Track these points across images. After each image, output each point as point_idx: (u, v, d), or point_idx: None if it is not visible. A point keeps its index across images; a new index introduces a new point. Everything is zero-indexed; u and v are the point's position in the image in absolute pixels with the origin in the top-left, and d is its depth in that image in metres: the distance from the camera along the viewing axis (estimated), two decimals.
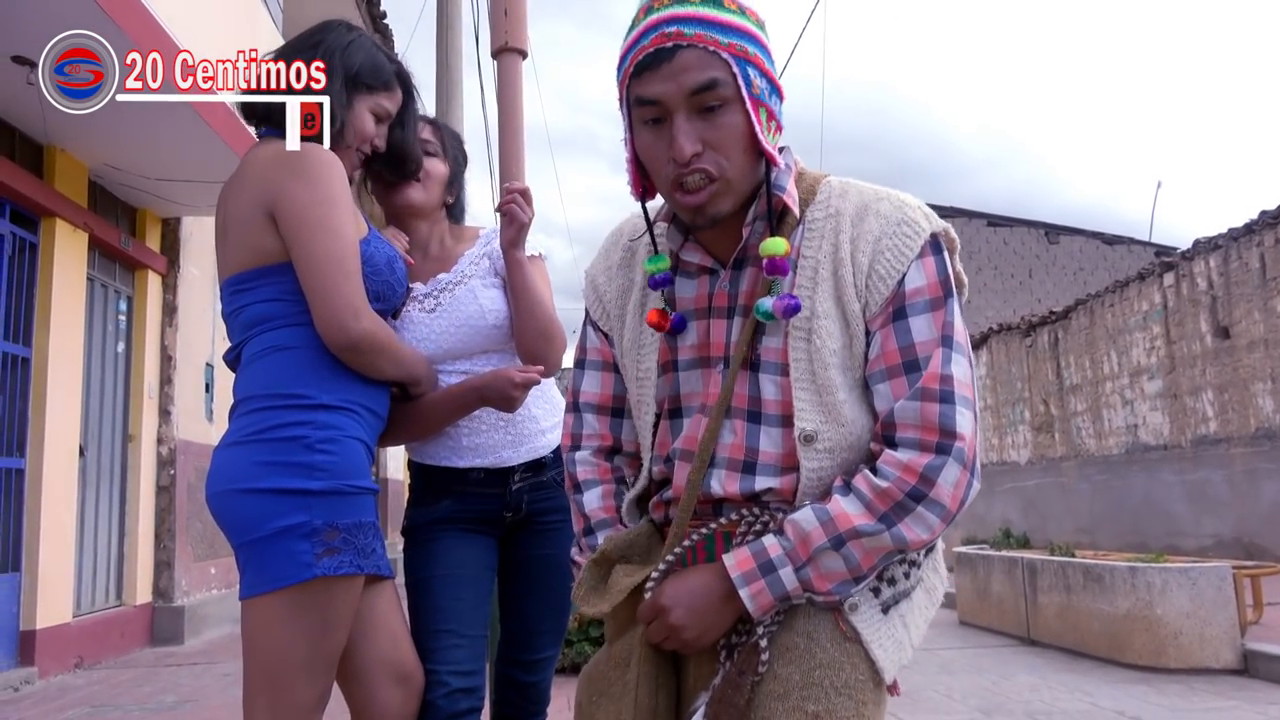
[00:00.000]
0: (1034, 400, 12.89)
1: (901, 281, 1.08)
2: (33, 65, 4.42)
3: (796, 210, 1.15)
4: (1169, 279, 10.16)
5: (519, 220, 1.85)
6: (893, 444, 1.06)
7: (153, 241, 6.83)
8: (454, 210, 2.07)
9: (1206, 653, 4.89)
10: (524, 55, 2.69)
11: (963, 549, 7.58)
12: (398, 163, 1.85)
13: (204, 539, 7.21)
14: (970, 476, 1.06)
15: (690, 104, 1.06)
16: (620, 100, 1.13)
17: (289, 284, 1.59)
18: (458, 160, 2.06)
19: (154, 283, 6.82)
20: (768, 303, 1.10)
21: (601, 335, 1.32)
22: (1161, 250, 20.27)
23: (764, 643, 1.06)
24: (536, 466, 1.95)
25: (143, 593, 6.53)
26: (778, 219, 1.15)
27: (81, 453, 5.87)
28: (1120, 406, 11.05)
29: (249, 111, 1.74)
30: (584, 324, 1.35)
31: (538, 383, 1.80)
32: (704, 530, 1.13)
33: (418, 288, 1.90)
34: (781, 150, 1.18)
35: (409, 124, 1.83)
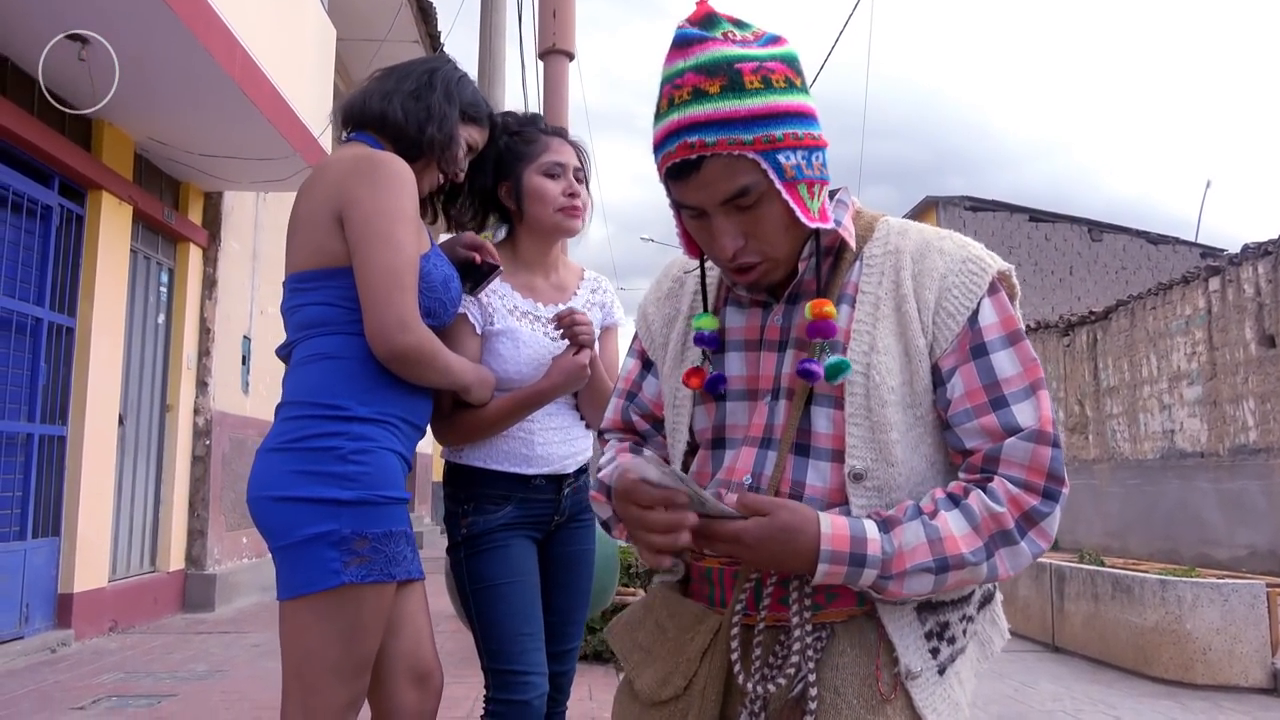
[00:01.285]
0: (1069, 401, 12.72)
1: (974, 318, 1.08)
2: (85, 41, 4.48)
3: (853, 244, 1.15)
4: (1214, 284, 9.95)
5: (587, 345, 1.94)
6: (990, 474, 1.05)
7: (195, 215, 6.92)
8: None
9: (1235, 670, 4.82)
10: (571, 57, 2.68)
11: None
12: (454, 193, 1.96)
13: (236, 509, 7.34)
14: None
15: (726, 208, 1.06)
16: (661, 182, 1.12)
17: (347, 290, 1.63)
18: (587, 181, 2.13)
19: (195, 256, 6.91)
20: (810, 364, 1.09)
21: (638, 361, 1.34)
22: (1207, 251, 19.85)
23: (812, 703, 1.03)
24: (581, 471, 2.07)
25: (176, 560, 6.67)
26: (836, 253, 1.16)
27: (121, 422, 5.99)
28: (1158, 411, 10.87)
29: (348, 116, 1.79)
30: (628, 351, 1.38)
31: (591, 357, 1.93)
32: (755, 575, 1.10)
33: (541, 309, 2.00)
34: (835, 194, 1.17)
35: (482, 164, 1.95)
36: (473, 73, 2.06)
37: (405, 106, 1.75)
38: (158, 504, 6.59)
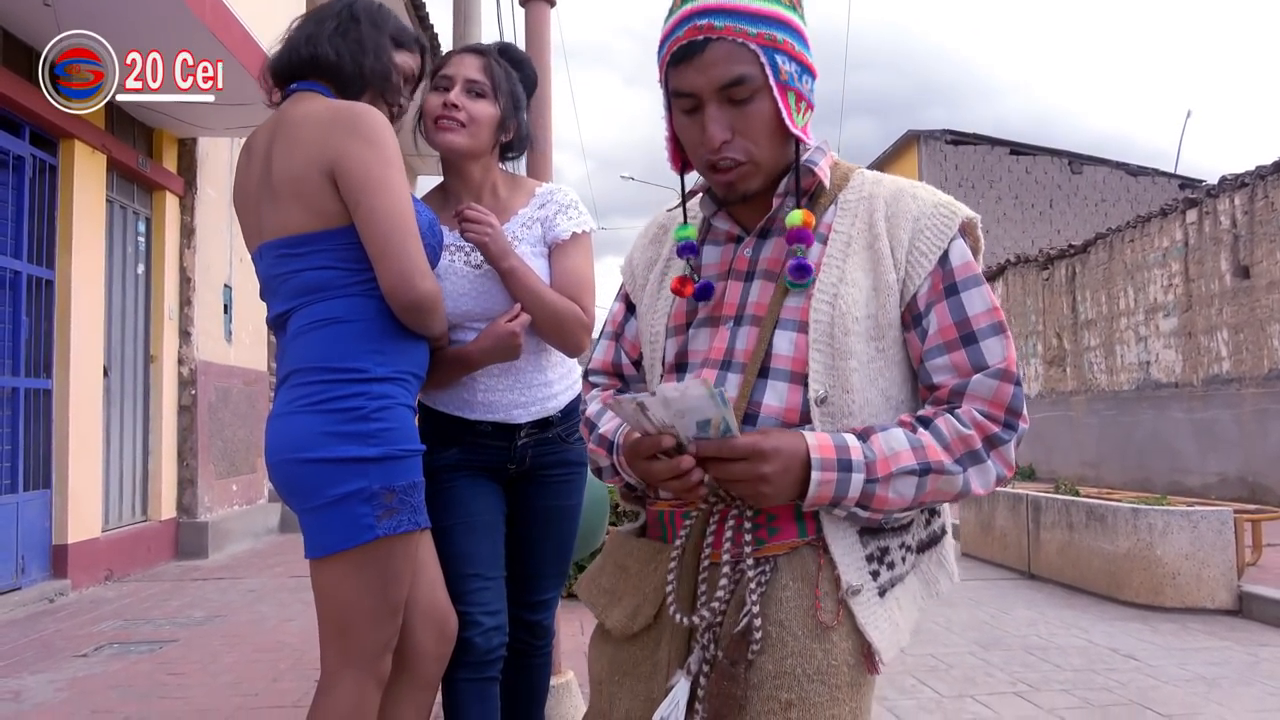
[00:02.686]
0: (1047, 334, 12.88)
1: (945, 258, 1.14)
2: None
3: (827, 182, 1.21)
4: (1191, 216, 10.03)
5: (478, 243, 1.85)
6: (955, 405, 1.12)
7: (169, 163, 6.82)
8: (510, 148, 2.02)
9: (1203, 593, 5.01)
10: (552, 4, 2.65)
11: None
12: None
13: (225, 457, 7.38)
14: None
15: (720, 96, 1.12)
16: (660, 82, 1.18)
17: (346, 250, 1.61)
18: (514, 95, 1.97)
19: (171, 204, 6.83)
20: (789, 266, 1.15)
21: (622, 304, 1.39)
22: (1186, 183, 19.92)
23: (757, 629, 1.07)
24: (543, 424, 2.01)
25: (167, 508, 6.73)
26: (811, 195, 1.21)
27: (106, 373, 5.98)
28: (1134, 343, 11.04)
29: (278, 70, 1.74)
30: (615, 295, 1.43)
31: (527, 322, 1.86)
32: (707, 504, 1.15)
33: (460, 238, 1.89)
34: (818, 147, 1.22)
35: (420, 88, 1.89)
36: (449, 18, 2.03)
37: (335, 45, 1.70)
38: (146, 454, 6.62)
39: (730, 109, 1.12)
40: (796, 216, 1.14)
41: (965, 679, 3.77)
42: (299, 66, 1.73)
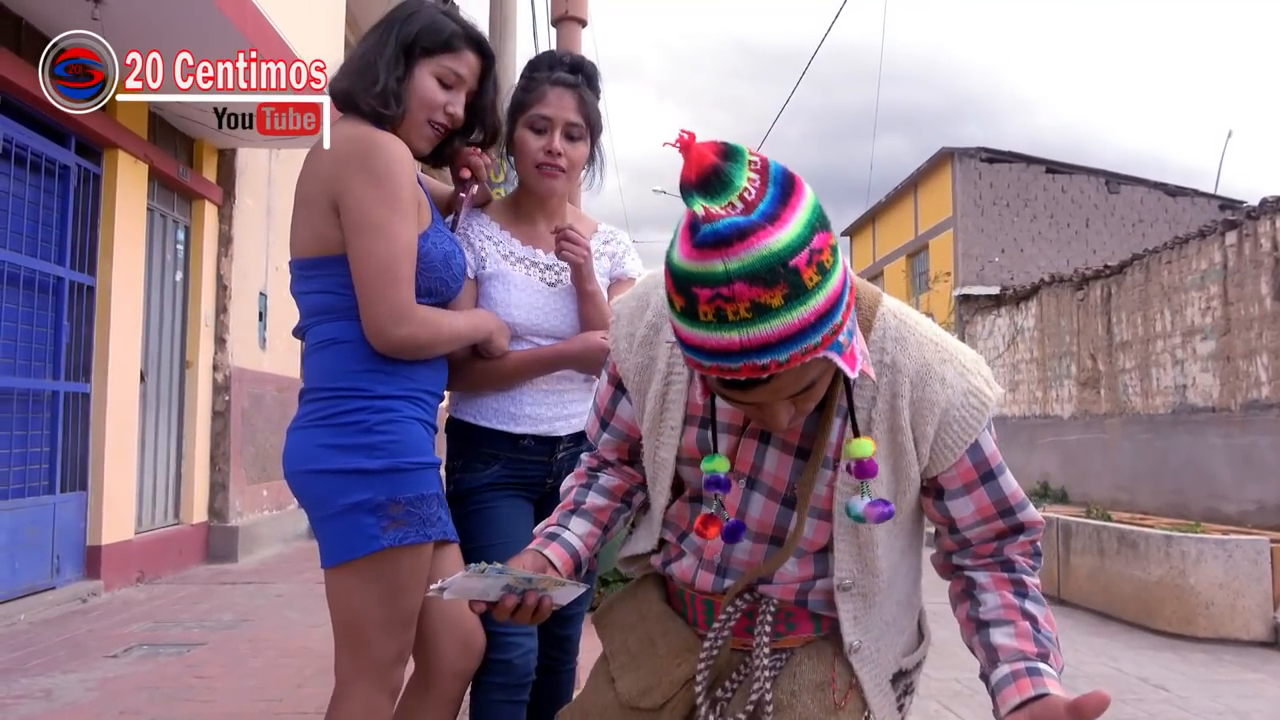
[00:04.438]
0: (1081, 355, 12.70)
1: (974, 449, 1.14)
2: (98, 0, 4.49)
3: (872, 373, 1.09)
4: (1231, 238, 9.87)
5: (574, 263, 1.91)
6: (1000, 555, 1.20)
7: (209, 172, 6.95)
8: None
9: (1237, 624, 4.91)
10: (583, 24, 2.68)
11: None
12: (472, 131, 1.86)
13: (256, 463, 7.48)
14: None
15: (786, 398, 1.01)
16: (686, 361, 1.03)
17: (345, 277, 1.64)
18: (599, 126, 1.99)
19: (210, 213, 6.96)
20: (859, 506, 1.08)
21: (611, 386, 1.35)
22: (1226, 204, 19.60)
23: (769, 701, 1.15)
24: (579, 437, 2.02)
25: (199, 512, 6.83)
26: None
27: (142, 378, 6.09)
28: (1170, 366, 10.86)
29: (334, 98, 1.76)
30: (604, 367, 1.38)
31: None
32: (735, 606, 1.22)
33: (540, 255, 1.96)
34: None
35: (486, 93, 1.82)
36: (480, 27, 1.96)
37: (346, 69, 1.71)
38: (180, 458, 6.73)
39: (793, 398, 1.02)
40: (862, 448, 1.06)
41: (990, 705, 3.72)
42: (332, 94, 1.75)
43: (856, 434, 1.08)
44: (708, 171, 0.91)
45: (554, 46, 2.70)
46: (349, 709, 1.63)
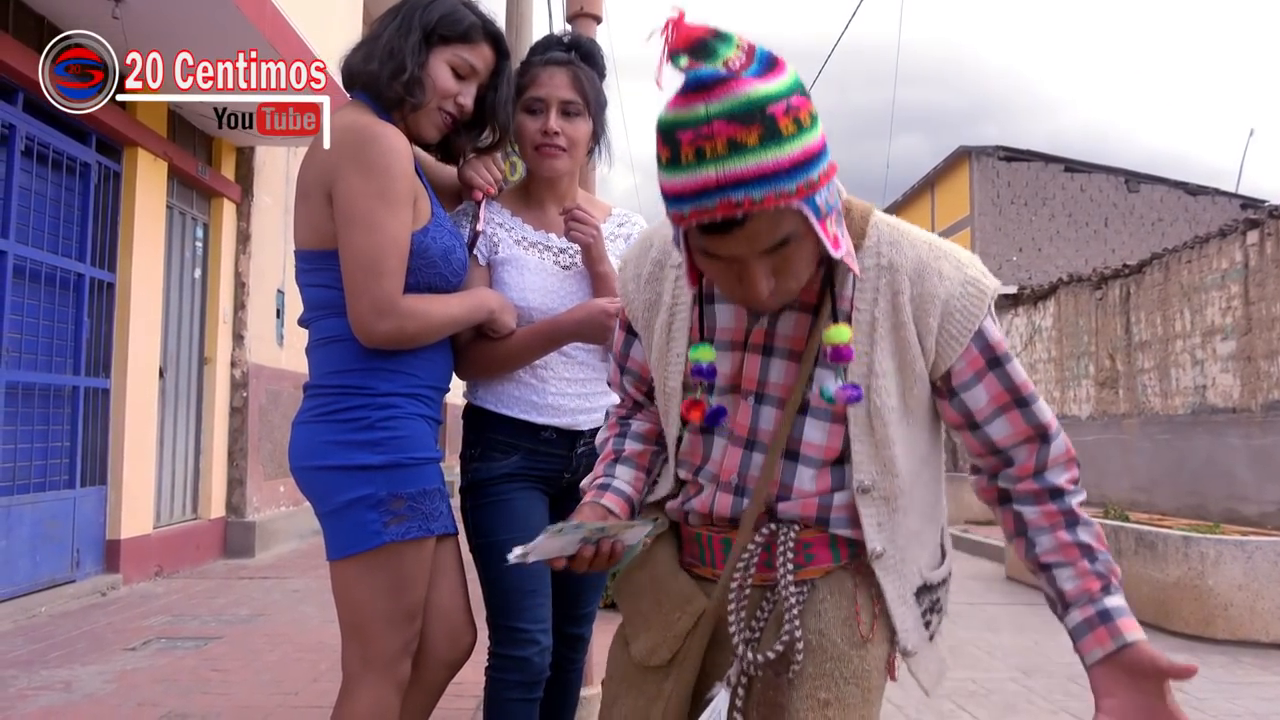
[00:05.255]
0: (1100, 355, 12.61)
1: (979, 336, 1.15)
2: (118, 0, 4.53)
3: (856, 269, 1.14)
4: (1252, 237, 9.77)
5: (583, 243, 1.90)
6: (1043, 476, 1.20)
7: (228, 170, 7.00)
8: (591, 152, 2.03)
9: (1256, 626, 4.86)
10: (599, 21, 2.69)
11: None
12: (481, 127, 1.84)
13: (273, 459, 7.53)
14: None
15: (761, 255, 1.04)
16: (671, 220, 1.06)
17: (340, 272, 1.63)
18: (601, 101, 1.96)
19: (229, 210, 7.01)
20: (831, 387, 1.13)
21: (623, 332, 1.40)
22: (1248, 203, 19.42)
23: (799, 640, 1.14)
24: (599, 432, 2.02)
25: (217, 508, 6.89)
26: (829, 262, 1.15)
27: (161, 374, 6.15)
28: (1190, 366, 10.77)
29: (347, 78, 1.75)
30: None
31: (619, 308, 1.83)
32: (755, 543, 1.21)
33: (553, 239, 1.94)
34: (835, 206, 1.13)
35: (499, 86, 1.79)
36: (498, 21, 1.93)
37: (368, 52, 1.69)
38: (198, 454, 6.78)
39: (770, 257, 1.05)
40: (839, 334, 1.10)
41: (1006, 705, 3.70)
42: (344, 76, 1.75)
43: (836, 321, 1.13)
44: (695, 40, 0.97)
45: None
46: (356, 703, 1.64)
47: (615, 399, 2.07)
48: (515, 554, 1.14)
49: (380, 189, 1.57)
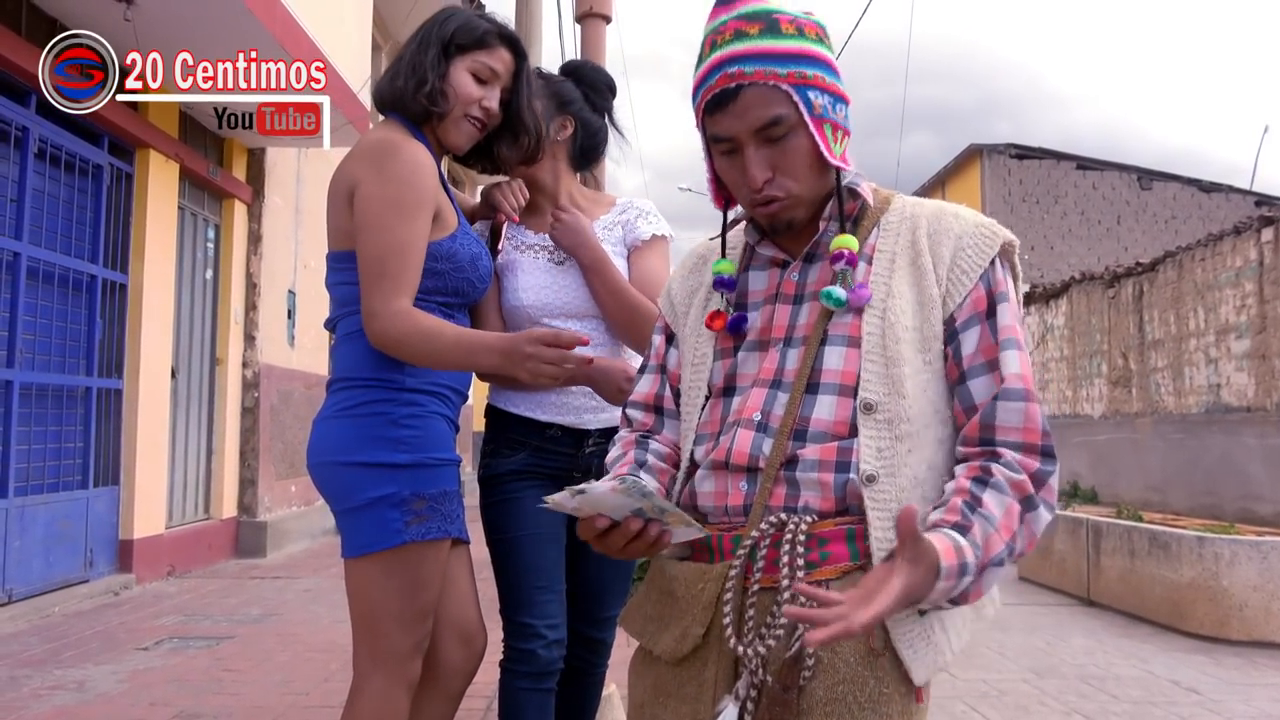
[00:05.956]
0: (1112, 354, 12.54)
1: (986, 276, 1.16)
2: (130, 1, 4.55)
3: (871, 202, 1.24)
4: (1267, 234, 9.69)
5: (560, 243, 1.93)
6: (991, 443, 1.09)
7: (239, 171, 7.02)
8: (583, 158, 2.07)
9: (1272, 627, 4.82)
10: (608, 20, 2.68)
11: None
12: (515, 134, 1.85)
13: (285, 459, 7.56)
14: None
15: (758, 137, 1.15)
16: (698, 127, 1.21)
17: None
18: (569, 107, 2.01)
19: (240, 212, 7.03)
20: (838, 290, 1.16)
21: (663, 337, 1.38)
22: (1263, 200, 19.27)
23: (809, 654, 1.06)
24: (610, 433, 1.98)
25: (228, 508, 6.91)
26: (855, 219, 1.23)
27: (173, 375, 6.18)
28: (1203, 365, 10.69)
29: (378, 101, 1.79)
30: (654, 329, 1.41)
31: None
32: (759, 531, 1.13)
33: (547, 239, 1.97)
34: (857, 174, 1.25)
35: (521, 91, 1.83)
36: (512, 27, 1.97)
37: (393, 73, 1.75)
38: (210, 454, 6.81)
39: (769, 148, 1.15)
40: (845, 241, 1.18)
41: (1018, 707, 3.68)
42: (376, 100, 1.80)
43: (843, 230, 1.20)
44: None
45: (579, 44, 2.70)
46: (366, 701, 1.65)
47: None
48: (564, 493, 1.06)
49: (395, 197, 1.62)
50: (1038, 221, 19.95)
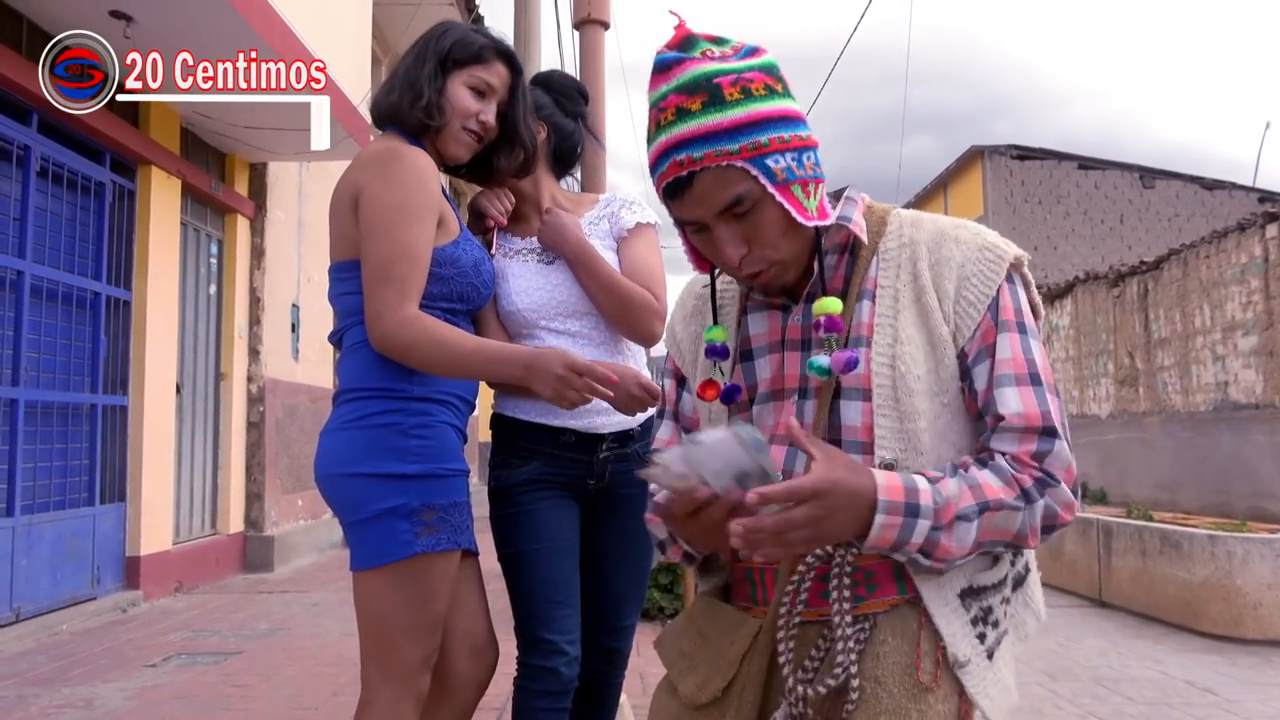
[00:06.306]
0: (1119, 353, 12.49)
1: (995, 305, 1.10)
2: (129, 19, 4.56)
3: (865, 237, 1.16)
4: (1272, 230, 9.65)
5: (547, 243, 1.93)
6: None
7: (241, 186, 7.03)
8: (559, 163, 2.07)
9: None
10: (606, 26, 2.68)
11: None
12: (512, 146, 1.86)
13: (291, 473, 7.55)
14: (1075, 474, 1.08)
15: (723, 218, 1.08)
16: (661, 203, 1.14)
17: None
18: (541, 112, 2.02)
19: (243, 226, 7.04)
20: (822, 360, 1.09)
21: (674, 381, 1.35)
22: (1266, 196, 19.23)
23: (855, 687, 1.03)
24: (624, 437, 1.98)
25: (235, 523, 6.90)
26: (851, 250, 1.17)
27: (178, 390, 6.18)
28: (1211, 362, 10.65)
29: (376, 115, 1.79)
30: (663, 374, 1.39)
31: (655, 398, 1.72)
32: (807, 565, 1.10)
33: (534, 242, 1.97)
34: (843, 193, 1.19)
35: (517, 104, 1.83)
36: (508, 40, 1.99)
37: (389, 87, 1.76)
38: (216, 469, 6.81)
39: (738, 223, 1.08)
40: (829, 305, 1.10)
41: (1033, 710, 3.65)
42: (373, 114, 1.80)
43: (824, 293, 1.12)
44: (682, 39, 1.09)
45: (577, 51, 2.70)
46: (375, 715, 1.63)
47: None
48: (663, 459, 1.00)
49: (400, 202, 1.62)
50: (1040, 222, 19.92)
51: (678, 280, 1.88)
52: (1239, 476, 10.02)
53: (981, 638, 1.09)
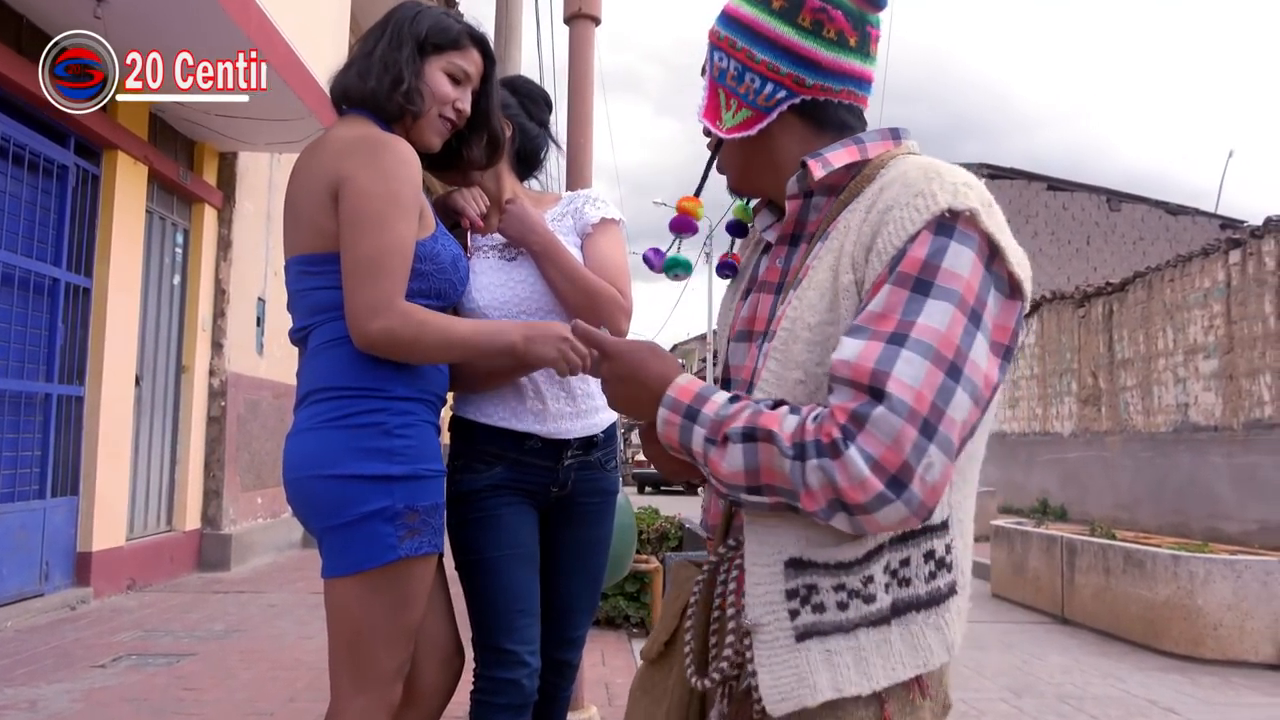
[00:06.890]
0: (1082, 372, 12.66)
1: (901, 255, 0.93)
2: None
3: (831, 178, 1.05)
4: (1235, 256, 9.83)
5: (508, 237, 1.90)
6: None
7: (210, 176, 6.89)
8: (522, 164, 2.04)
9: (1246, 645, 4.84)
10: (597, 22, 2.64)
11: (1000, 522, 7.53)
12: (482, 135, 1.83)
13: (251, 469, 7.40)
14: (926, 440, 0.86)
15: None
16: None
17: None
18: (506, 111, 1.98)
19: (210, 217, 6.90)
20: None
21: None
22: (1228, 223, 19.63)
23: (757, 691, 0.98)
24: (588, 444, 1.95)
25: (192, 519, 6.74)
26: (839, 192, 1.06)
27: (138, 382, 6.02)
28: (1172, 384, 10.81)
29: (340, 96, 1.72)
30: None
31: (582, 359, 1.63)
32: (724, 549, 1.09)
33: (496, 238, 1.94)
34: (852, 139, 1.09)
35: (490, 92, 1.80)
36: (488, 35, 1.94)
37: (362, 70, 1.68)
38: (174, 464, 6.64)
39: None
40: (688, 205, 1.20)
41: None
42: (337, 95, 1.72)
43: (799, 236, 1.12)
44: None
45: (566, 46, 2.66)
46: None
47: (609, 412, 2.00)
48: None
49: (392, 193, 1.56)
50: None
51: (643, 282, 1.85)
52: (1197, 497, 10.17)
53: (792, 614, 0.97)
